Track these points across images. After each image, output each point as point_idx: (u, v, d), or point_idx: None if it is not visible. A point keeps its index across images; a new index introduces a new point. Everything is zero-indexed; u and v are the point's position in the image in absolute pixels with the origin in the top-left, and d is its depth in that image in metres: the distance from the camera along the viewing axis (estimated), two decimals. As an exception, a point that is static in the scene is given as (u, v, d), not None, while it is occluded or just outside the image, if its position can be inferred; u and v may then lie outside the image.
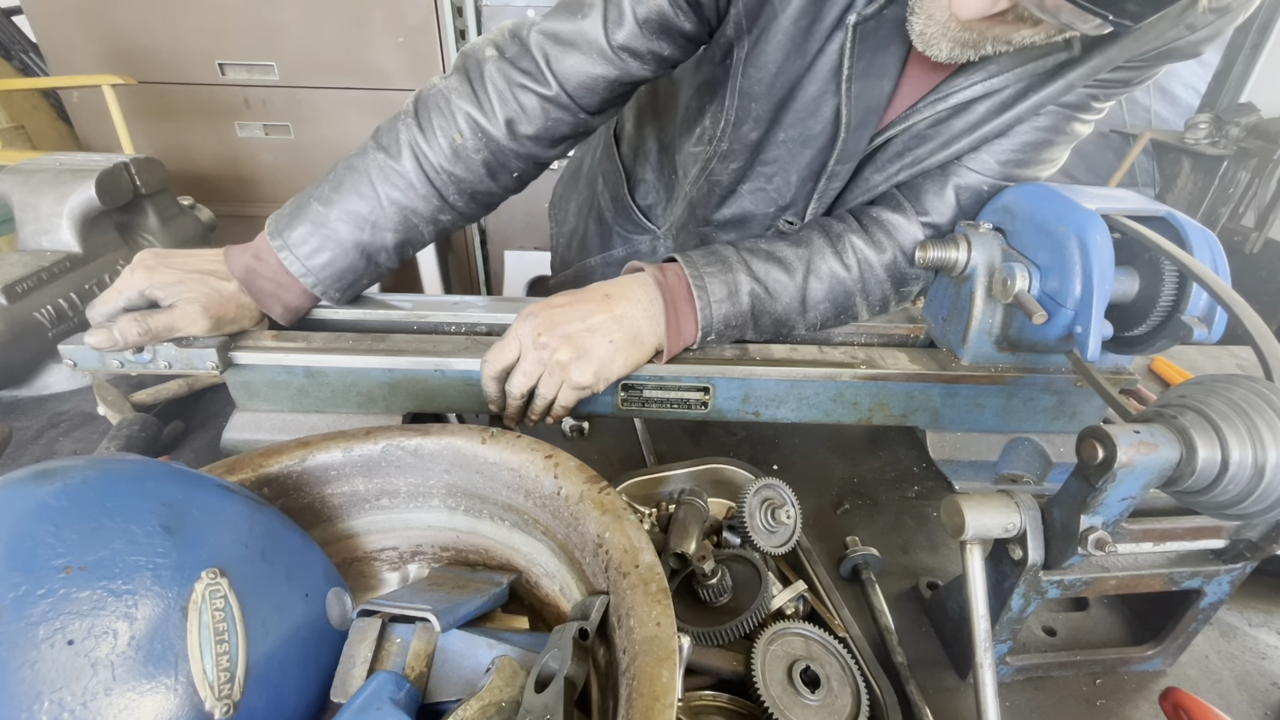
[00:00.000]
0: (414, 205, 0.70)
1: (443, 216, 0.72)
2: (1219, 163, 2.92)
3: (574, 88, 0.68)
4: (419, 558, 0.57)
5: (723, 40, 0.69)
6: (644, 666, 0.36)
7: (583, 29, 0.65)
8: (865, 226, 0.76)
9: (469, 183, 0.71)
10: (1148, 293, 0.63)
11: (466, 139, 0.68)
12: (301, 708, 0.42)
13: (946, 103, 0.68)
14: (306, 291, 0.70)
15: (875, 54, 0.65)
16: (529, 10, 1.88)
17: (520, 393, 0.65)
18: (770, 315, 0.72)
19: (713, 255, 0.71)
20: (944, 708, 0.52)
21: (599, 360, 0.64)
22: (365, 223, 0.68)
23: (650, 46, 0.67)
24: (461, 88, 0.68)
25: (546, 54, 0.66)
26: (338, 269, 0.70)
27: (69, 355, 0.66)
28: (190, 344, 0.66)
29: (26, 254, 0.81)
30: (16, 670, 0.31)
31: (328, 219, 0.68)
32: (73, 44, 1.94)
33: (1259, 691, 0.55)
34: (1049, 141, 0.72)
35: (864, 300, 0.76)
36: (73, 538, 0.34)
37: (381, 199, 0.68)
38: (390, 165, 0.68)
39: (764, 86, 0.69)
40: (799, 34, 0.65)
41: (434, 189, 0.70)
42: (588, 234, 1.05)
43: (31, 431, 0.75)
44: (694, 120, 0.80)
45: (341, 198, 0.68)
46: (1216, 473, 0.40)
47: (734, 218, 0.83)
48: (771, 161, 0.76)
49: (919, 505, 0.72)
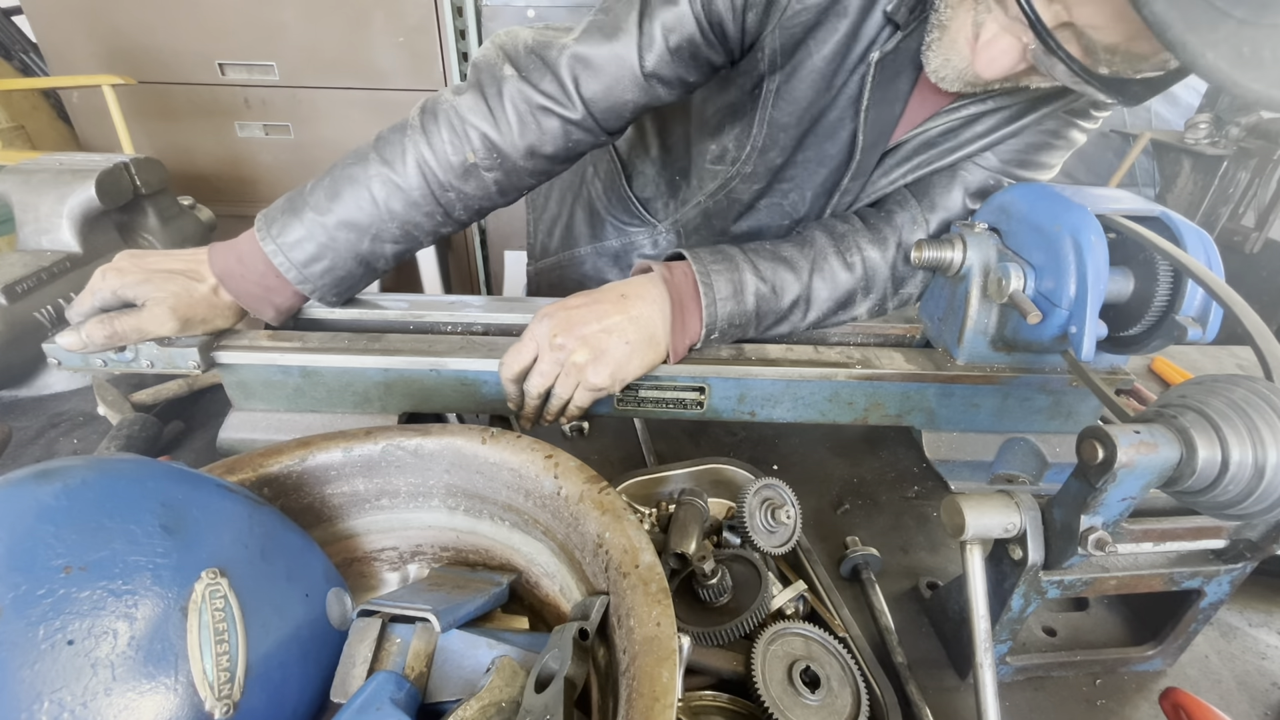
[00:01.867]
0: (417, 220, 0.69)
1: (444, 229, 0.72)
2: (1219, 163, 2.92)
3: (601, 112, 0.67)
4: (419, 558, 0.57)
5: (754, 73, 0.70)
6: (644, 666, 0.36)
7: (617, 53, 0.65)
8: (870, 224, 0.76)
9: (476, 199, 0.70)
10: (1143, 293, 0.63)
11: (480, 158, 0.67)
12: (301, 708, 0.42)
13: (958, 114, 0.70)
14: (298, 293, 0.70)
15: (891, 82, 0.67)
16: (529, 11, 1.88)
17: (538, 392, 0.65)
18: (774, 314, 0.73)
19: (719, 253, 0.71)
20: (944, 708, 0.52)
21: (615, 361, 0.64)
22: (366, 234, 0.68)
23: (679, 73, 0.67)
24: (477, 106, 0.66)
25: (576, 77, 0.65)
26: (336, 277, 0.69)
27: (53, 354, 0.66)
28: (172, 343, 0.66)
29: (26, 254, 0.81)
30: (16, 670, 0.31)
31: (325, 227, 0.67)
32: (73, 44, 1.94)
33: (1259, 691, 0.55)
34: (1050, 146, 0.74)
35: (865, 300, 0.77)
36: (73, 538, 0.34)
37: (383, 212, 0.67)
38: (393, 180, 0.66)
39: (794, 118, 0.71)
40: (830, 72, 0.67)
41: (439, 205, 0.69)
42: (574, 222, 1.04)
43: (31, 431, 0.75)
44: (712, 136, 0.81)
45: (340, 207, 0.66)
46: (1217, 473, 0.40)
47: (750, 230, 0.86)
48: (789, 180, 0.78)
49: (919, 505, 0.72)
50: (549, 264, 1.09)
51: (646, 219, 0.96)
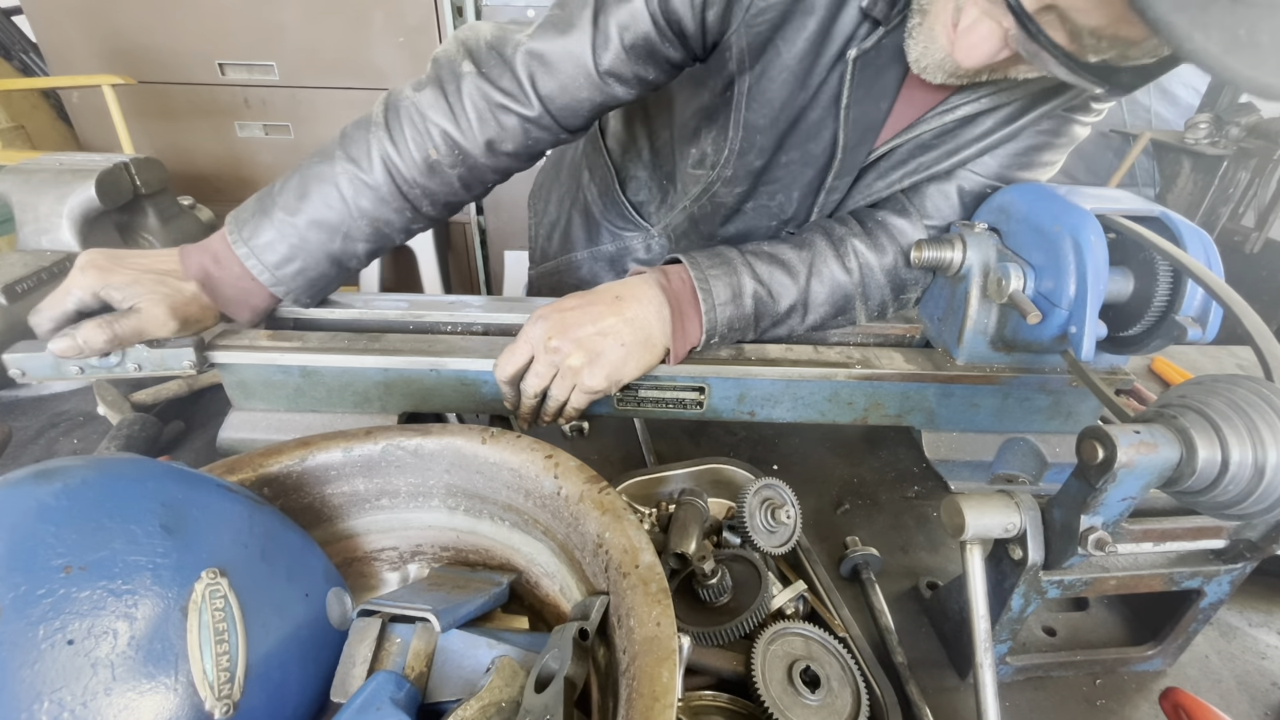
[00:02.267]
0: (387, 217, 0.69)
1: (415, 225, 0.72)
2: (1219, 163, 2.92)
3: (558, 109, 0.67)
4: (419, 558, 0.57)
5: (724, 73, 0.69)
6: (644, 666, 0.36)
7: (571, 50, 0.64)
8: (868, 230, 0.76)
9: (442, 195, 0.70)
10: (1142, 293, 0.63)
11: (442, 155, 0.67)
12: (301, 708, 0.42)
13: (953, 114, 0.68)
14: (273, 295, 0.69)
15: (874, 80, 0.66)
16: (529, 10, 1.88)
17: (534, 393, 0.65)
18: (771, 317, 0.73)
19: (717, 257, 0.71)
20: (944, 708, 0.52)
21: (611, 364, 0.64)
22: (336, 233, 0.67)
23: (636, 71, 0.66)
24: (437, 103, 0.66)
25: (532, 74, 0.65)
26: (309, 278, 0.69)
27: (16, 365, 0.61)
28: (163, 345, 0.64)
29: (26, 254, 0.81)
30: (16, 670, 0.31)
31: (296, 227, 0.66)
32: (73, 44, 1.94)
33: (1259, 691, 0.55)
34: (1049, 145, 0.72)
35: (863, 304, 0.76)
36: (73, 538, 0.34)
37: (353, 210, 0.67)
38: (361, 178, 0.66)
39: (768, 120, 0.70)
40: (803, 71, 0.65)
41: (407, 201, 0.69)
42: (571, 226, 1.04)
43: (31, 431, 0.75)
44: (691, 140, 0.80)
45: (309, 207, 0.66)
46: (1217, 473, 0.40)
47: (737, 234, 0.85)
48: (774, 181, 0.77)
49: (919, 505, 0.72)
50: (548, 268, 1.09)
51: (640, 223, 0.95)
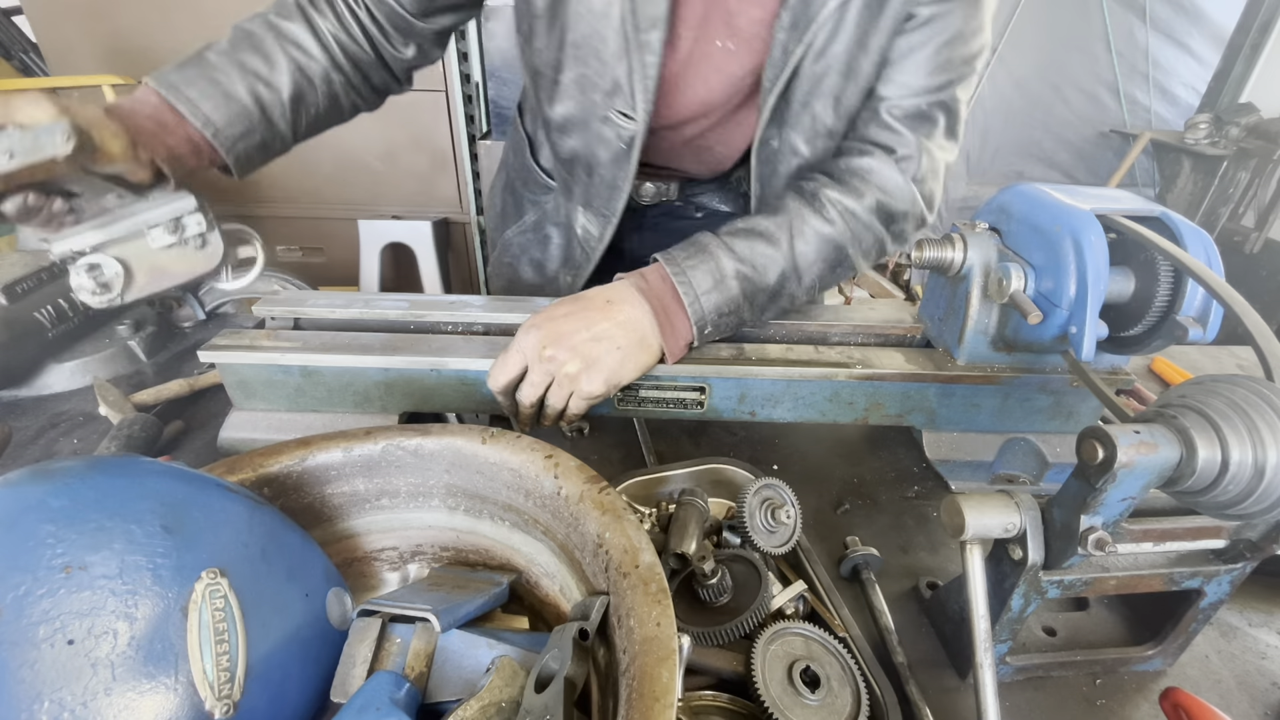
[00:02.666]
0: (305, 64, 0.74)
1: (334, 76, 0.77)
2: (1219, 163, 2.92)
3: None
4: (419, 558, 0.57)
5: None
6: (644, 666, 0.36)
7: None
8: (838, 179, 0.74)
9: (353, 50, 0.77)
10: (1143, 293, 0.63)
11: None
12: (301, 708, 0.42)
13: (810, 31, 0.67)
14: (193, 140, 0.67)
15: None
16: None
17: (530, 402, 0.65)
18: (765, 292, 0.71)
19: (692, 245, 0.70)
20: (944, 708, 0.52)
21: (609, 368, 0.64)
22: (258, 79, 0.71)
23: None
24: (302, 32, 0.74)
25: None
26: (229, 114, 0.68)
27: None
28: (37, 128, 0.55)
29: (26, 254, 0.81)
30: (16, 670, 0.31)
31: (217, 67, 0.69)
32: (73, 44, 1.94)
33: (1259, 691, 0.55)
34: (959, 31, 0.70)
35: (858, 250, 0.74)
36: (73, 538, 0.34)
37: (272, 51, 0.72)
38: (281, 23, 0.73)
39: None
40: None
41: (322, 47, 0.75)
42: (505, 209, 1.06)
43: (31, 431, 0.75)
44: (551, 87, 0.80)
45: (234, 52, 0.71)
46: (1217, 473, 0.40)
47: (566, 116, 0.81)
48: (582, 44, 0.74)
49: (919, 505, 0.72)
50: (494, 258, 1.11)
51: (549, 185, 0.96)
